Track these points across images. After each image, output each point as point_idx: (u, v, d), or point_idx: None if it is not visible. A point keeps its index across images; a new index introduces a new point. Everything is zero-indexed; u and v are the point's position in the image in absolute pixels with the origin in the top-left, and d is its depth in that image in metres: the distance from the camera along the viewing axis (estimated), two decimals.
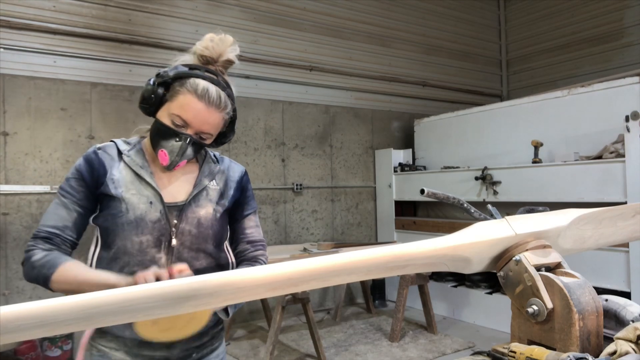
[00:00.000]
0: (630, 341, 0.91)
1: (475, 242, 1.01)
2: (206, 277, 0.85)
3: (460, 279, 5.07)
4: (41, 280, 1.16)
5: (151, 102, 1.24)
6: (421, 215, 5.80)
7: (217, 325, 1.41)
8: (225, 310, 1.29)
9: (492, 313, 4.54)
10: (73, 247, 1.26)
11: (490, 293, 4.68)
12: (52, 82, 3.96)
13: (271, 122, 5.15)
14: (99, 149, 1.28)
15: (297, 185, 5.24)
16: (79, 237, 1.27)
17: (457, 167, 5.10)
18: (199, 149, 1.29)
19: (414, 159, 5.83)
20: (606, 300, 1.10)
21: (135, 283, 1.07)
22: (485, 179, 4.53)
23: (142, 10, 4.43)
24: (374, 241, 5.71)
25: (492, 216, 1.27)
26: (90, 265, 1.25)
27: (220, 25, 4.82)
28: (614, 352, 0.90)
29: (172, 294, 0.83)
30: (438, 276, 5.10)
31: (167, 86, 1.24)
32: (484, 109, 5.11)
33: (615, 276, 3.64)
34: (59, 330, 0.80)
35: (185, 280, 0.85)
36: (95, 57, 4.18)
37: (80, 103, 4.08)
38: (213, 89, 1.22)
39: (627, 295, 3.47)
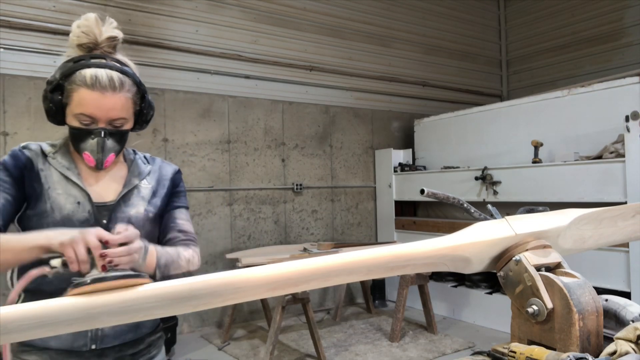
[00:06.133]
0: (630, 341, 0.91)
1: (475, 242, 1.01)
2: (206, 277, 0.85)
3: (460, 279, 5.07)
4: None
5: (53, 112, 1.19)
6: (421, 215, 5.79)
7: (155, 333, 1.34)
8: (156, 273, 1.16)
9: (492, 313, 4.54)
10: None
11: (490, 293, 4.68)
12: None
13: (271, 122, 5.15)
14: (24, 148, 1.24)
15: (297, 185, 5.24)
16: (6, 225, 1.18)
17: (457, 167, 5.10)
18: (121, 137, 1.23)
19: (414, 159, 5.83)
20: (606, 300, 1.10)
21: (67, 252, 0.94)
22: (485, 179, 4.53)
23: (142, 10, 4.43)
24: (374, 241, 5.71)
25: (492, 216, 1.27)
26: (11, 275, 1.20)
27: (220, 25, 4.85)
28: (614, 352, 0.90)
29: (172, 294, 0.83)
30: (438, 276, 5.09)
31: (61, 89, 1.18)
32: (484, 109, 5.11)
33: (615, 276, 3.64)
34: (59, 330, 0.80)
35: (185, 281, 0.85)
36: None
37: None
38: (102, 73, 1.15)
39: (627, 295, 3.47)
